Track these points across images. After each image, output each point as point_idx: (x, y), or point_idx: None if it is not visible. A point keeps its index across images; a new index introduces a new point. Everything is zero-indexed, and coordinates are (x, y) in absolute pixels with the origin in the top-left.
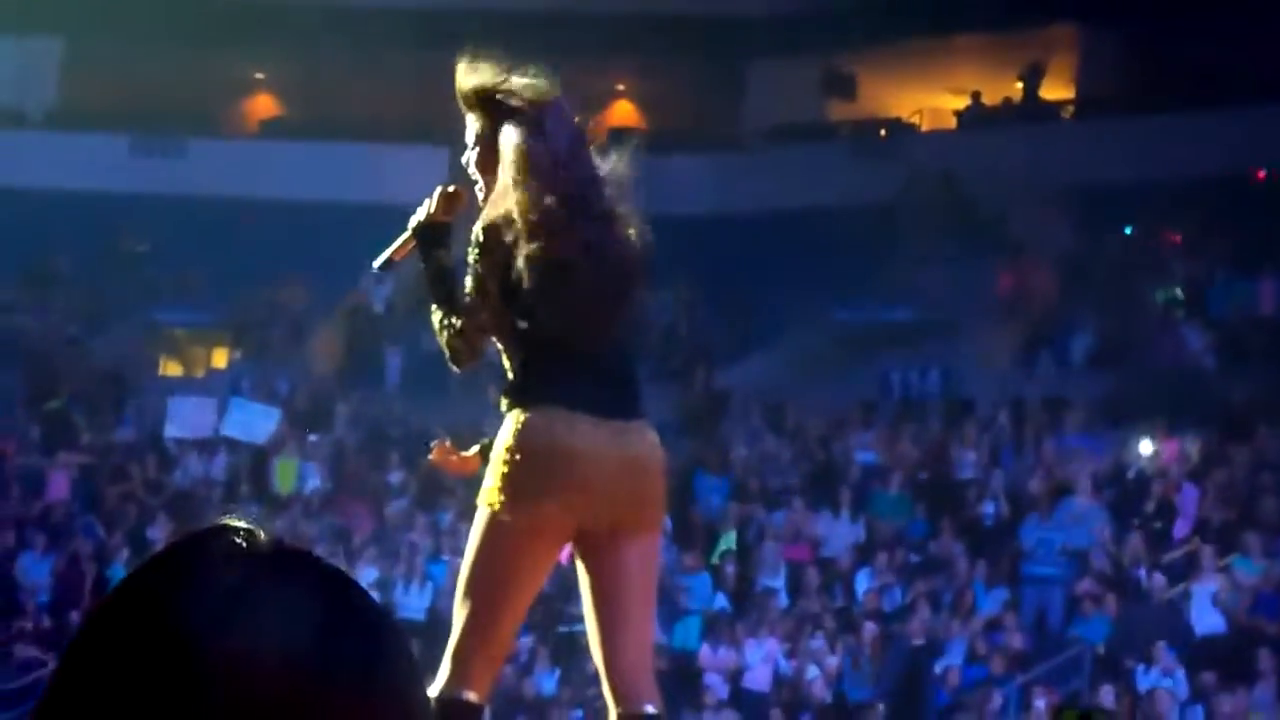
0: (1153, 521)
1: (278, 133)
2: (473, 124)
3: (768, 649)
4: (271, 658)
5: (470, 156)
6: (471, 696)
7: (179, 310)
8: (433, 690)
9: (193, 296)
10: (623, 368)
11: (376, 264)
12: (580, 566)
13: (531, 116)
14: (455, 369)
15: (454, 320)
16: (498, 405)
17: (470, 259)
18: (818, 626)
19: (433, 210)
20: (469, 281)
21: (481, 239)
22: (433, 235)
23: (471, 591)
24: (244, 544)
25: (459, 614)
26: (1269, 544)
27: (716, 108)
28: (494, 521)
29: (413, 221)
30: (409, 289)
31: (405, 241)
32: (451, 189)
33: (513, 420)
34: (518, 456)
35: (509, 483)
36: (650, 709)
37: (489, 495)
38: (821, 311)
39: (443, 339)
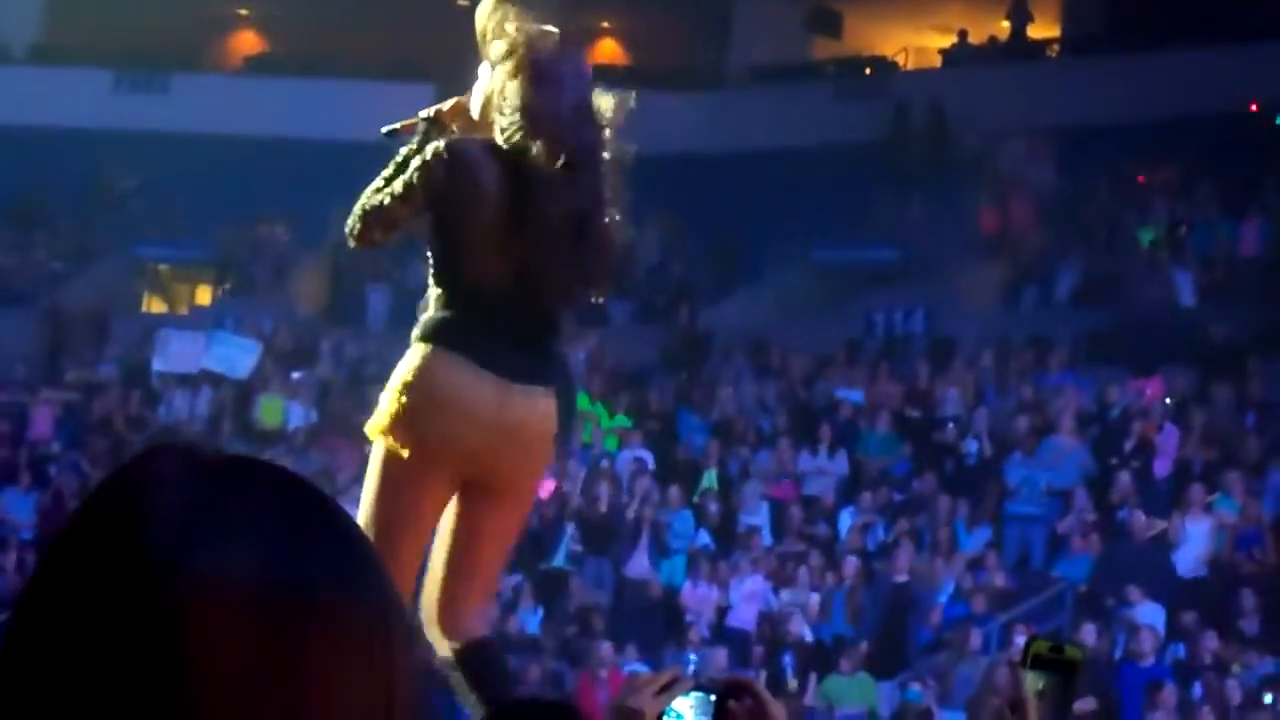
0: (1134, 460)
1: (262, 69)
2: (486, 61)
3: (752, 586)
4: (239, 578)
5: (476, 89)
6: None
7: (163, 246)
8: None
9: (177, 233)
10: (543, 330)
11: (384, 130)
12: (451, 503)
13: (543, 67)
14: (351, 243)
15: (385, 202)
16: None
17: (417, 164)
18: (800, 564)
19: (445, 109)
20: (400, 183)
21: (444, 156)
22: (434, 130)
23: (371, 519)
24: (193, 461)
25: None
26: (1250, 483)
27: (701, 46)
28: (386, 451)
29: (428, 111)
30: None
31: (415, 123)
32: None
33: (419, 354)
34: (412, 393)
35: (400, 416)
36: (481, 634)
37: (380, 423)
38: (805, 251)
39: (361, 211)
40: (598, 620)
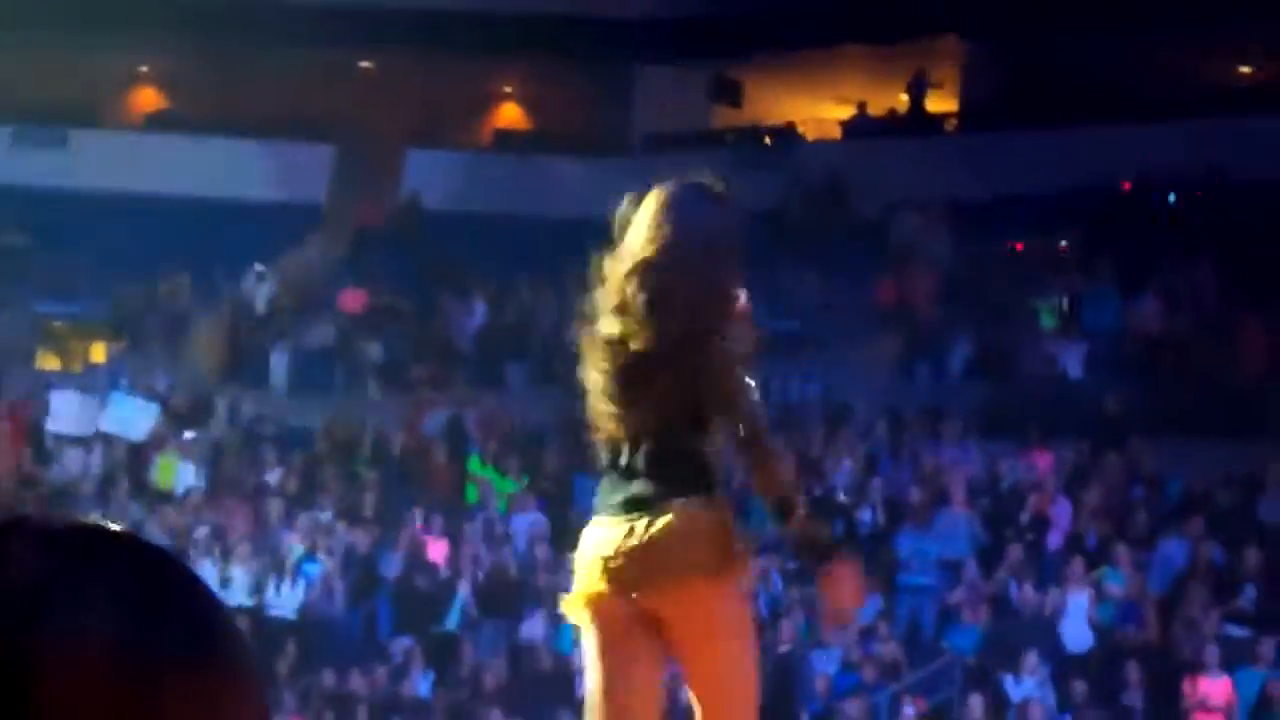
0: (1026, 533)
1: (163, 126)
2: None
3: None
4: (92, 646)
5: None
6: None
7: (59, 303)
8: None
9: (73, 290)
10: None
11: None
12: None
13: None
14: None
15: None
16: (378, 401)
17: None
18: None
19: None
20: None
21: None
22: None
23: (750, 671)
24: (46, 532)
25: (741, 703)
26: (1138, 556)
27: (603, 112)
28: (738, 597)
29: None
30: (292, 288)
31: None
32: None
33: (721, 506)
34: (739, 540)
35: (743, 563)
36: None
37: (731, 573)
38: None
39: None
40: (489, 685)
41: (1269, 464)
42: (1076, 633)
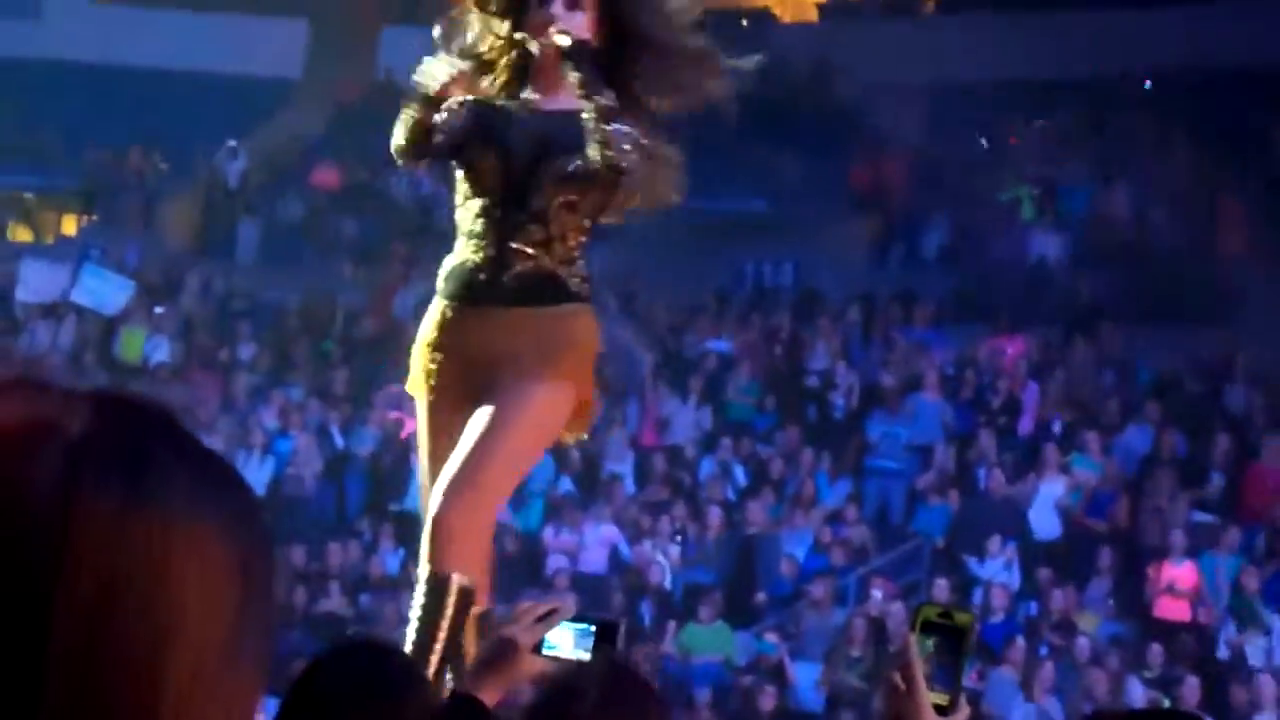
0: (997, 418)
1: None
2: None
3: (604, 533)
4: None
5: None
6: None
7: (31, 175)
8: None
9: (45, 162)
10: None
11: None
12: None
13: None
14: None
15: None
16: (351, 279)
17: None
18: (662, 513)
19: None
20: None
21: None
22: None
23: (524, 455)
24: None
25: (494, 460)
26: (1107, 442)
27: None
28: (563, 398)
29: None
30: (264, 162)
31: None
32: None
33: (591, 314)
34: (593, 355)
35: (592, 373)
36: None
37: (568, 373)
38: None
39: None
40: None
41: (1237, 351)
42: (1044, 518)
